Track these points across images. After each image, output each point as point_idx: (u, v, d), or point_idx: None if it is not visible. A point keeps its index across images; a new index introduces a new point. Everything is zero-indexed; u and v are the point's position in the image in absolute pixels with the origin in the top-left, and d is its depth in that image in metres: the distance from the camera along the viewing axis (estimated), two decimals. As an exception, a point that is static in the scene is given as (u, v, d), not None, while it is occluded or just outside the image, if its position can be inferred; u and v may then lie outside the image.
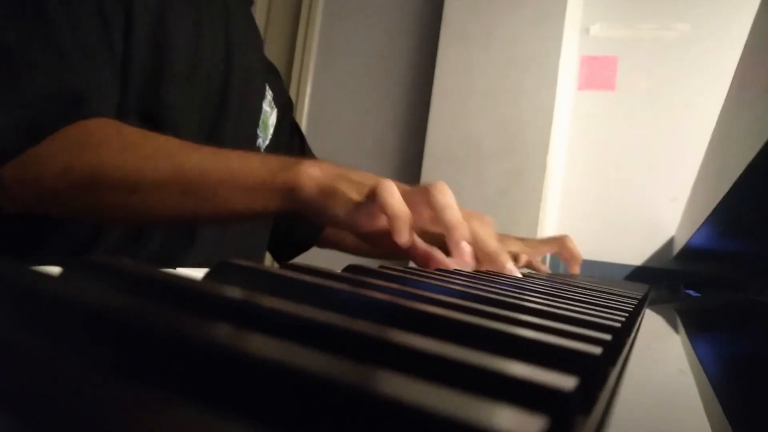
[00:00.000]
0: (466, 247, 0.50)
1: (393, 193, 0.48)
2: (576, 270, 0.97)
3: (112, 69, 0.58)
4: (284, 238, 0.91)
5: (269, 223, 0.84)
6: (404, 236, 0.47)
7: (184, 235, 0.67)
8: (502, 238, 0.74)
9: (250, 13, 0.81)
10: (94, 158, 0.50)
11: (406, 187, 0.52)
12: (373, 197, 0.48)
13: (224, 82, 0.70)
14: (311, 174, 0.50)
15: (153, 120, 0.62)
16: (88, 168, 0.50)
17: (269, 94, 0.82)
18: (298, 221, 0.88)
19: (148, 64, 0.61)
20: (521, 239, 0.93)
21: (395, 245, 0.49)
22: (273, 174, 0.51)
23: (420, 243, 0.52)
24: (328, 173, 0.51)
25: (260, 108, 0.79)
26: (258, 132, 0.79)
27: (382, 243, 0.54)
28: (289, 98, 0.95)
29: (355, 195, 0.50)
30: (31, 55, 0.53)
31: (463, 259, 0.49)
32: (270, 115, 0.82)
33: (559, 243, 0.95)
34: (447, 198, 0.49)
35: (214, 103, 0.69)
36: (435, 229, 0.50)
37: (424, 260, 0.53)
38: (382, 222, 0.49)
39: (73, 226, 0.61)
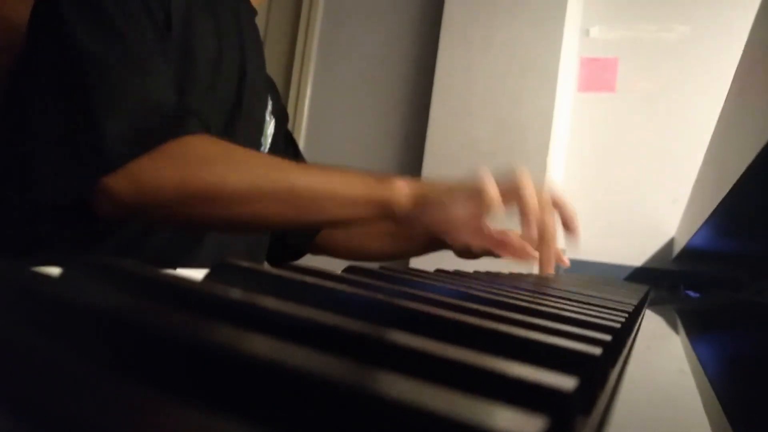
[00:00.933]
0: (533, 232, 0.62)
1: (490, 179, 0.59)
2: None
3: (173, 75, 0.61)
4: (278, 244, 0.91)
5: None
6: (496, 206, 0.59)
7: (190, 236, 0.68)
8: None
9: (256, 24, 0.82)
10: (212, 175, 0.55)
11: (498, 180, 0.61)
12: (473, 185, 0.58)
13: (238, 89, 0.72)
14: (403, 189, 0.59)
15: None
16: (207, 183, 0.55)
17: (269, 104, 0.84)
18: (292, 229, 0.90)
19: (178, 68, 0.63)
20: None
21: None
22: (372, 191, 0.59)
23: (495, 232, 0.63)
24: (416, 187, 0.60)
25: (264, 117, 0.81)
26: (261, 140, 0.80)
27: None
28: (285, 110, 0.97)
29: (445, 200, 0.59)
30: (120, 67, 0.55)
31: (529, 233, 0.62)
32: (269, 125, 0.84)
33: None
34: (532, 195, 0.61)
35: (228, 109, 0.70)
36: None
37: (500, 244, 0.64)
38: (475, 217, 0.59)
39: (81, 225, 0.61)
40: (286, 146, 0.94)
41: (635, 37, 1.49)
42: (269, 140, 0.84)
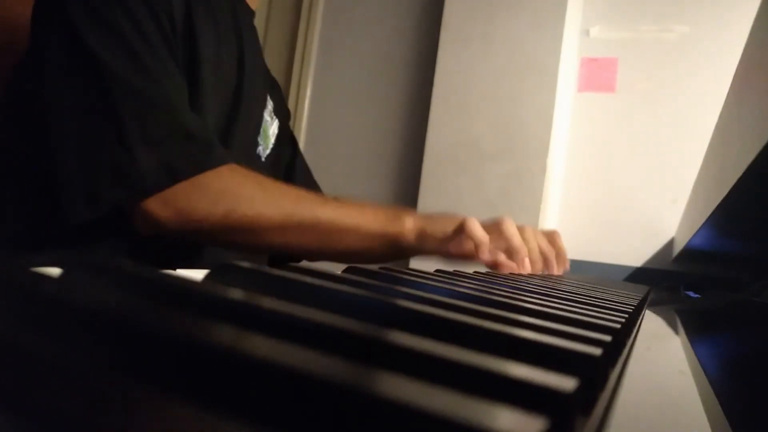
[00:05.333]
0: (527, 262, 0.71)
1: (476, 225, 0.67)
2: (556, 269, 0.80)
3: (186, 95, 0.63)
4: None
5: None
6: (487, 255, 0.68)
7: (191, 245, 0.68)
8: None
9: (253, 24, 0.82)
10: (250, 209, 0.62)
11: (484, 222, 0.70)
12: (461, 230, 0.67)
13: (237, 89, 0.72)
14: (409, 225, 0.69)
15: None
16: (246, 217, 0.61)
17: (270, 104, 0.84)
18: None
19: (184, 69, 0.64)
20: None
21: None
22: (384, 227, 0.68)
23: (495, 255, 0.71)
24: (420, 221, 0.70)
25: (261, 116, 0.81)
26: (258, 140, 0.80)
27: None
28: (288, 110, 0.98)
29: (440, 234, 0.69)
30: (149, 91, 0.57)
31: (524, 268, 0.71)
32: (271, 125, 0.84)
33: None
34: (513, 229, 0.71)
35: (227, 110, 0.71)
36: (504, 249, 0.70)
37: (496, 267, 0.71)
38: (468, 247, 0.68)
39: (85, 231, 0.61)
40: (287, 145, 0.94)
41: (635, 38, 1.49)
42: (272, 140, 0.85)
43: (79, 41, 0.56)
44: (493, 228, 0.70)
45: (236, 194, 0.62)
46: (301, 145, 1.76)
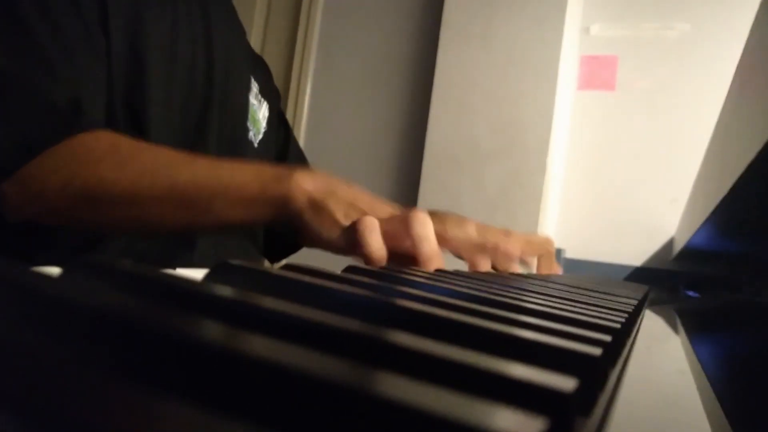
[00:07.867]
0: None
1: (373, 231, 0.49)
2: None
3: (98, 70, 0.58)
4: (274, 238, 0.90)
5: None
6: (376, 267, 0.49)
7: (184, 238, 0.67)
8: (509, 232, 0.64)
9: (231, 4, 0.80)
10: (93, 174, 0.51)
11: (390, 213, 0.54)
12: (354, 230, 0.50)
13: (207, 75, 0.69)
14: (303, 187, 0.52)
15: (138, 115, 0.61)
16: (87, 184, 0.51)
17: (255, 87, 0.81)
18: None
19: (126, 58, 0.61)
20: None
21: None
22: (265, 186, 0.53)
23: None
24: (320, 187, 0.52)
25: (246, 100, 0.78)
26: (248, 125, 0.78)
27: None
28: (277, 90, 0.93)
29: (342, 217, 0.52)
30: (17, 69, 0.53)
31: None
32: (259, 109, 0.81)
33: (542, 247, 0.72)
34: (425, 230, 0.50)
35: (197, 97, 0.68)
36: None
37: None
38: (359, 252, 0.50)
39: (75, 232, 0.60)
40: (278, 128, 0.90)
41: (635, 35, 1.49)
42: (262, 124, 0.81)
43: None
44: (400, 228, 0.51)
45: (80, 159, 0.52)
46: (302, 144, 1.75)
